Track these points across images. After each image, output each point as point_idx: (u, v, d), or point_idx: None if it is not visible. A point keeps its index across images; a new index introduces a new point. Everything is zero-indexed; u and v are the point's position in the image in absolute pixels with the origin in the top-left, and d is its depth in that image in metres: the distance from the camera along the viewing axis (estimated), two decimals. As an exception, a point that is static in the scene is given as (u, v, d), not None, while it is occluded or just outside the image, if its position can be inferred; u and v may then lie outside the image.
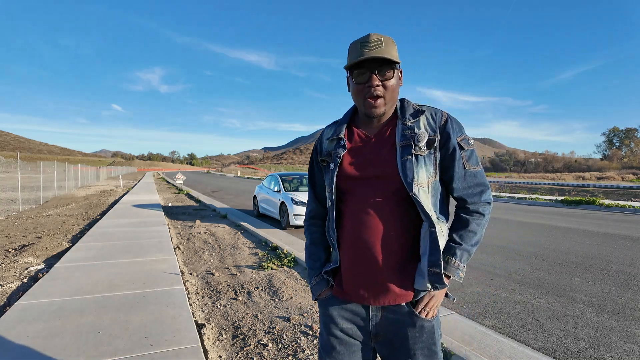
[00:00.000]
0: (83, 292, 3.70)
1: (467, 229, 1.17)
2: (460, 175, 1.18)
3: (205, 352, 2.63)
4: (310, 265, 1.33)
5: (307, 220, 1.40)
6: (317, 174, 1.35)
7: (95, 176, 32.79)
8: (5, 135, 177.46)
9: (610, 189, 32.56)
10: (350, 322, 1.23)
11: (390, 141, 1.17)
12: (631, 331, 3.17)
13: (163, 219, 8.85)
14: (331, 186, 1.21)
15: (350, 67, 1.16)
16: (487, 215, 1.20)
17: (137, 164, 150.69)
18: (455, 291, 4.16)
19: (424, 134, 1.14)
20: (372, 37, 1.13)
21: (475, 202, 1.19)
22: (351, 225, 1.19)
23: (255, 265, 5.03)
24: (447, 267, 1.15)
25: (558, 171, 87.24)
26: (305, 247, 1.39)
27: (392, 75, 1.14)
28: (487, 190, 1.20)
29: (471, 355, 2.53)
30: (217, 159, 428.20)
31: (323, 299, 1.28)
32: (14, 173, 12.46)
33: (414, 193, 1.11)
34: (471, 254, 1.18)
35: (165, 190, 20.61)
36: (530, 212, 12.07)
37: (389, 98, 1.16)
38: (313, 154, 1.35)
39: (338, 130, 1.25)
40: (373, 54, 1.10)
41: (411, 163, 1.12)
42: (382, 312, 1.19)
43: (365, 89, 1.15)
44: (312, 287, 1.31)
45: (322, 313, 1.29)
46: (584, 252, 6.06)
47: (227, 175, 63.65)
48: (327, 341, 1.25)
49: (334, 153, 1.22)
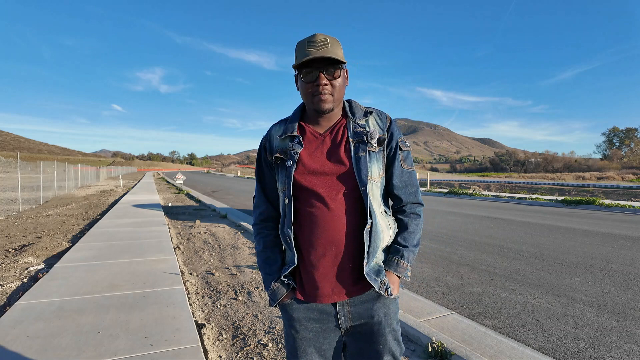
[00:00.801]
0: (83, 292, 3.70)
1: (408, 231, 1.26)
2: (399, 173, 1.27)
3: (205, 352, 2.63)
4: (267, 271, 1.27)
5: (257, 224, 1.33)
6: (266, 174, 1.30)
7: (95, 176, 32.80)
8: (5, 135, 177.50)
9: (610, 189, 32.56)
10: (318, 322, 1.22)
11: (344, 139, 1.22)
12: (631, 331, 3.17)
13: (163, 219, 8.85)
14: (288, 183, 1.19)
15: (299, 66, 1.18)
16: (422, 217, 1.30)
17: (137, 164, 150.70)
18: (456, 291, 4.16)
19: (376, 132, 1.22)
20: (318, 37, 1.17)
21: (411, 202, 1.28)
22: (311, 223, 1.18)
23: (255, 265, 5.03)
24: (397, 268, 1.22)
25: (558, 171, 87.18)
26: (257, 252, 1.32)
27: (339, 74, 1.19)
28: (419, 190, 1.31)
29: (471, 355, 2.53)
30: (217, 159, 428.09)
31: (285, 304, 1.24)
32: (14, 173, 12.46)
33: (367, 188, 1.16)
34: (415, 254, 1.26)
35: (165, 190, 20.62)
36: (530, 212, 12.07)
37: (336, 96, 1.20)
38: (261, 153, 1.31)
39: (290, 128, 1.25)
40: (320, 53, 1.13)
41: (365, 159, 1.18)
42: (349, 304, 1.21)
43: (313, 87, 1.18)
44: (271, 294, 1.24)
45: (287, 318, 1.25)
46: (584, 252, 6.06)
47: (227, 175, 63.66)
48: (296, 346, 1.24)
49: (290, 150, 1.21)
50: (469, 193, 19.20)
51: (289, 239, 1.20)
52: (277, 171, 1.24)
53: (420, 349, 2.78)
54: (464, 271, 4.95)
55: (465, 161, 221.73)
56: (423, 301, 3.64)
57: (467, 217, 10.59)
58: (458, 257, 5.68)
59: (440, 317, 3.24)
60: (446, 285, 4.36)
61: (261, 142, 1.32)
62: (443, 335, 2.82)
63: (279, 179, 1.24)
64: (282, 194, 1.23)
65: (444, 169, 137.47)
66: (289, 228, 1.20)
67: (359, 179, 1.16)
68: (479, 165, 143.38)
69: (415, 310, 3.35)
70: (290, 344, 1.26)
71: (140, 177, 44.83)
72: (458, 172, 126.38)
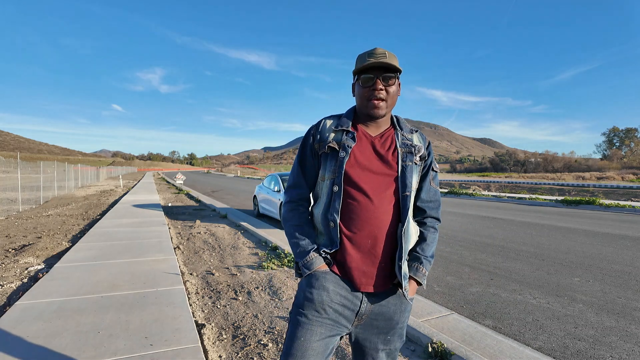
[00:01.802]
0: (83, 292, 3.70)
1: (426, 242, 1.37)
2: (427, 189, 1.40)
3: (205, 352, 2.63)
4: (304, 243, 1.30)
5: (294, 202, 1.38)
6: (309, 160, 1.37)
7: (95, 176, 32.79)
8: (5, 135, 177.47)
9: (610, 189, 32.55)
10: (343, 299, 1.26)
11: (392, 146, 1.33)
12: (631, 331, 3.17)
13: (163, 219, 8.85)
14: (339, 172, 1.27)
15: (358, 72, 1.31)
16: (438, 231, 1.44)
17: (137, 164, 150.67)
18: (456, 291, 4.16)
19: (421, 147, 1.36)
20: (378, 50, 1.30)
21: (432, 216, 1.41)
22: (353, 214, 1.26)
23: (255, 265, 5.03)
24: (417, 273, 1.33)
25: (558, 171, 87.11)
26: (294, 225, 1.35)
27: (394, 82, 1.30)
28: (440, 208, 1.44)
29: (471, 355, 2.53)
30: (217, 159, 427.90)
31: (318, 272, 1.27)
32: (14, 173, 12.46)
33: (409, 194, 1.28)
34: (430, 265, 1.38)
35: (165, 190, 20.62)
36: (530, 212, 12.07)
37: (389, 103, 1.31)
38: (308, 140, 1.37)
39: (345, 122, 1.34)
40: (385, 62, 1.26)
41: (411, 169, 1.31)
42: (374, 296, 1.30)
43: (369, 92, 1.29)
44: (307, 262, 1.27)
45: (312, 284, 1.26)
46: (584, 252, 6.06)
47: (227, 175, 63.66)
48: (311, 305, 1.24)
49: (344, 142, 1.30)
50: (469, 193, 19.19)
51: (333, 223, 1.27)
52: (326, 160, 1.32)
53: (420, 349, 2.78)
54: (464, 271, 4.95)
55: (465, 161, 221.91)
56: (423, 301, 3.64)
57: (467, 217, 10.59)
58: (458, 257, 5.68)
59: (440, 317, 3.24)
60: (446, 285, 4.36)
61: (309, 130, 1.39)
62: (443, 335, 2.82)
63: (327, 167, 1.31)
64: (329, 181, 1.30)
65: (444, 169, 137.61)
66: (337, 213, 1.27)
67: (402, 185, 1.28)
68: (479, 165, 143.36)
69: (416, 310, 3.35)
70: (300, 300, 1.27)
71: (140, 177, 44.83)
72: (458, 172, 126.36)
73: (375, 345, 1.31)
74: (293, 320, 1.26)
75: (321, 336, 1.22)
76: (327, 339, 1.24)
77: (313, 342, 1.21)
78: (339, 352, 2.74)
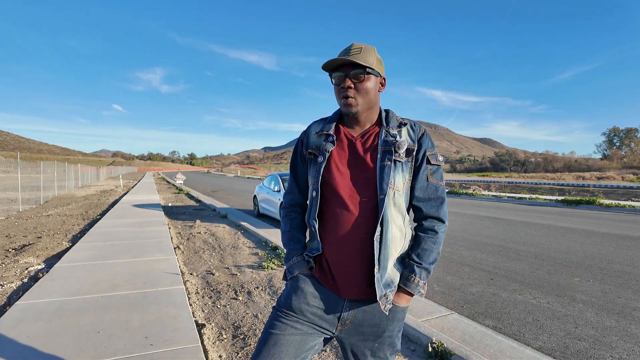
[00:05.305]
0: (83, 292, 3.70)
1: (422, 248, 1.25)
2: (422, 185, 1.28)
3: (206, 352, 2.63)
4: (291, 247, 1.34)
5: (287, 208, 1.43)
6: (299, 166, 1.40)
7: (95, 176, 32.79)
8: (5, 135, 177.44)
9: (610, 189, 32.55)
10: (322, 303, 1.25)
11: (373, 145, 1.27)
12: (631, 331, 3.17)
13: (163, 219, 8.85)
14: (317, 178, 1.26)
15: (329, 70, 1.27)
16: (441, 234, 1.28)
17: (137, 164, 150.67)
18: (456, 291, 4.16)
19: (404, 142, 1.25)
20: (353, 46, 1.25)
21: (431, 216, 1.28)
22: (331, 220, 1.24)
23: (256, 265, 5.03)
24: (407, 283, 1.23)
25: (558, 171, 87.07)
26: (283, 232, 1.40)
27: (364, 78, 1.23)
28: (443, 207, 1.29)
29: (471, 355, 2.53)
30: (217, 158, 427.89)
31: (299, 275, 1.29)
32: (14, 173, 12.46)
33: (387, 197, 1.19)
34: (430, 272, 1.26)
35: (165, 190, 20.62)
36: (530, 211, 12.07)
37: (364, 100, 1.25)
38: (298, 146, 1.40)
39: (327, 127, 1.32)
40: (347, 58, 1.20)
41: (389, 168, 1.21)
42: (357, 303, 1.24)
43: (340, 90, 1.25)
44: (290, 266, 1.31)
45: (292, 285, 1.28)
46: (584, 252, 6.06)
47: (227, 175, 63.66)
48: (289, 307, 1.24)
49: (323, 147, 1.29)
50: (469, 193, 19.19)
51: (313, 229, 1.28)
52: (310, 166, 1.33)
53: (420, 349, 2.78)
54: (464, 271, 4.95)
55: (465, 161, 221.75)
56: (423, 301, 3.64)
57: (467, 217, 10.59)
58: (458, 257, 5.68)
59: (440, 317, 3.24)
60: (446, 285, 4.36)
61: (300, 136, 1.41)
62: (443, 335, 2.82)
63: (310, 173, 1.32)
64: (311, 187, 1.30)
65: (444, 169, 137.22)
66: (314, 219, 1.27)
67: (379, 187, 1.20)
68: (479, 165, 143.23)
69: (415, 310, 3.35)
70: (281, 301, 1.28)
71: (140, 177, 44.83)
72: (458, 172, 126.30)
73: (362, 351, 1.27)
74: (272, 315, 1.28)
75: (297, 332, 1.22)
76: (305, 335, 1.23)
77: (287, 335, 1.21)
78: (338, 352, 2.74)
